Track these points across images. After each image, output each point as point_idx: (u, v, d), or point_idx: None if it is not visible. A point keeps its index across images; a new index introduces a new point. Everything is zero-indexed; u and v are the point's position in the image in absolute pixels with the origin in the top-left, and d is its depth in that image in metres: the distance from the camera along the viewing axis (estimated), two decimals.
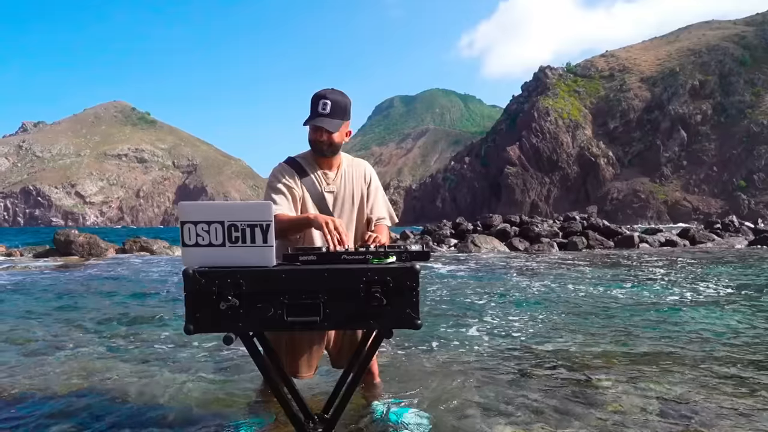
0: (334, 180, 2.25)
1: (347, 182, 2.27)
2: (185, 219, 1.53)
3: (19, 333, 4.41)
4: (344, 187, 2.26)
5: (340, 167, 2.28)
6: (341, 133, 2.21)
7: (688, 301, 5.89)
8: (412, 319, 1.52)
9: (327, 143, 2.17)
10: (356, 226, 2.30)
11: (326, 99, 2.12)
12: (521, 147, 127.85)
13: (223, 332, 1.51)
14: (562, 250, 15.49)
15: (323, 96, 2.13)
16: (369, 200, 2.31)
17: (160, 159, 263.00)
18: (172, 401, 2.69)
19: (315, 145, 2.20)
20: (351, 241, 2.26)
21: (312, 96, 2.15)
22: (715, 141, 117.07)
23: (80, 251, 13.22)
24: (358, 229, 2.31)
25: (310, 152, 2.27)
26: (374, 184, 2.35)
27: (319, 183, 2.23)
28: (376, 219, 2.31)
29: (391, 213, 2.40)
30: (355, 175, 2.30)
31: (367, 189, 2.32)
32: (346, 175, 2.27)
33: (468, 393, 2.73)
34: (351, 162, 2.34)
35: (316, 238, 2.16)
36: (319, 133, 2.15)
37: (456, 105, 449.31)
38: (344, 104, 2.17)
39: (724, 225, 20.64)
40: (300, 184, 2.19)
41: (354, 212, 2.28)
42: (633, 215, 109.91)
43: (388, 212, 2.38)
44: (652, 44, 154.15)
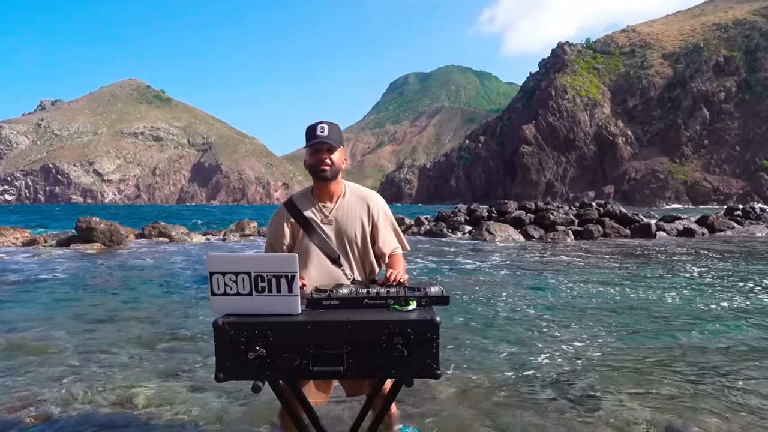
0: (332, 211, 2.22)
1: (348, 212, 2.23)
2: (214, 270, 1.60)
3: (45, 340, 4.59)
4: (345, 218, 2.22)
5: (341, 197, 2.24)
6: (340, 156, 2.21)
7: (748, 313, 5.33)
8: (432, 370, 1.58)
9: (329, 165, 2.14)
10: (363, 257, 2.29)
11: (322, 123, 2.15)
12: (537, 126, 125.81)
13: (251, 380, 1.58)
14: (578, 238, 15.40)
15: (318, 122, 2.17)
16: (379, 234, 2.27)
17: (175, 137, 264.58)
18: (191, 418, 2.80)
19: (316, 168, 2.16)
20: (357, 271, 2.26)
21: (306, 128, 2.17)
22: (738, 119, 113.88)
23: (101, 238, 13.51)
24: (365, 259, 2.30)
25: (309, 187, 2.30)
26: (381, 217, 2.29)
27: (316, 217, 2.21)
28: (391, 250, 2.30)
29: (402, 241, 2.38)
30: (358, 206, 2.26)
31: (372, 222, 2.28)
32: (347, 206, 2.24)
33: (484, 421, 2.80)
34: (354, 191, 2.29)
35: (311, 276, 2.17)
36: (321, 153, 2.13)
37: (472, 82, 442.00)
38: (339, 130, 2.20)
39: (745, 212, 20.26)
40: (295, 227, 2.21)
41: (357, 243, 2.25)
42: (651, 196, 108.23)
43: (399, 242, 2.37)
44: (676, 18, 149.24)
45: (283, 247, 2.22)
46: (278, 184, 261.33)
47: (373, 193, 2.33)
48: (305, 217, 2.22)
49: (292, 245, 2.22)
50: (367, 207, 2.28)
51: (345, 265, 2.21)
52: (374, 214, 2.28)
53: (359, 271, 2.28)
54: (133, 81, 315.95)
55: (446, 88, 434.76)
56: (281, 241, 2.22)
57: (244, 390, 3.26)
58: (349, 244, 2.23)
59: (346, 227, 2.22)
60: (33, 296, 6.67)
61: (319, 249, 2.19)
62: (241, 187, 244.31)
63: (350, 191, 2.28)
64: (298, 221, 2.21)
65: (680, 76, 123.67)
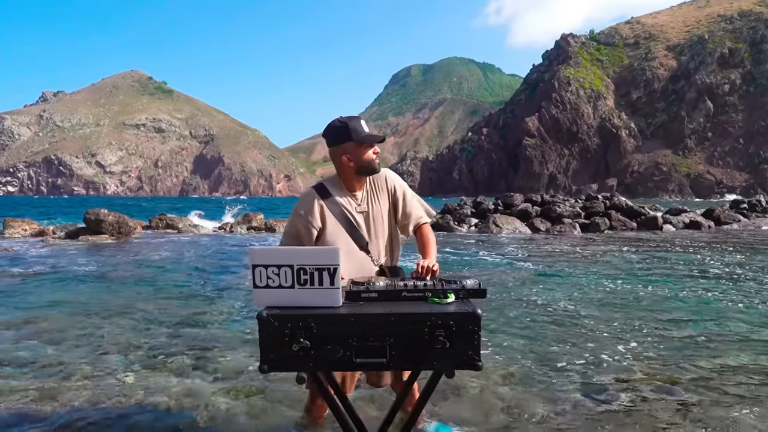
0: (362, 201, 2.27)
1: (374, 199, 2.29)
2: (257, 263, 1.64)
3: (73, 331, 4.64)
4: (373, 206, 2.27)
5: (367, 186, 2.30)
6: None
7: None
8: (473, 361, 1.62)
9: (378, 161, 2.24)
10: (390, 242, 2.33)
11: (361, 119, 2.23)
12: (540, 118, 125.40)
13: (294, 371, 1.64)
14: (585, 231, 15.41)
15: (356, 117, 2.23)
16: (404, 206, 2.31)
17: (177, 129, 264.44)
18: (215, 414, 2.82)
19: (373, 164, 2.21)
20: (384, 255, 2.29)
21: (346, 122, 2.19)
22: (742, 112, 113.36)
23: (110, 230, 13.57)
24: (393, 244, 2.34)
25: (335, 176, 2.31)
26: (400, 189, 2.34)
27: (349, 205, 2.25)
28: (416, 220, 2.32)
29: (427, 209, 2.42)
30: (379, 188, 2.31)
31: (394, 197, 2.32)
32: (371, 193, 2.29)
33: (507, 414, 2.84)
34: (372, 178, 2.32)
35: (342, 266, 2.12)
36: (376, 149, 2.22)
37: (474, 74, 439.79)
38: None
39: (751, 205, 20.22)
40: (325, 210, 2.21)
41: (387, 228, 2.30)
42: (654, 188, 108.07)
43: (425, 210, 2.40)
44: (681, 10, 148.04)
45: (312, 230, 2.20)
46: (280, 177, 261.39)
47: (385, 170, 2.35)
48: (337, 202, 2.24)
49: (321, 229, 2.21)
50: (386, 185, 2.33)
51: (373, 252, 2.23)
52: (393, 188, 2.32)
53: (387, 256, 2.31)
54: (134, 72, 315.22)
55: (449, 80, 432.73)
56: (310, 224, 2.20)
57: (269, 384, 3.29)
58: (378, 230, 2.27)
59: (375, 214, 2.26)
60: (55, 286, 6.72)
61: (349, 235, 2.21)
62: (243, 179, 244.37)
63: (369, 179, 2.31)
64: (329, 206, 2.23)
65: (684, 68, 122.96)
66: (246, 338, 4.27)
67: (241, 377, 3.36)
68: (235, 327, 4.69)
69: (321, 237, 2.22)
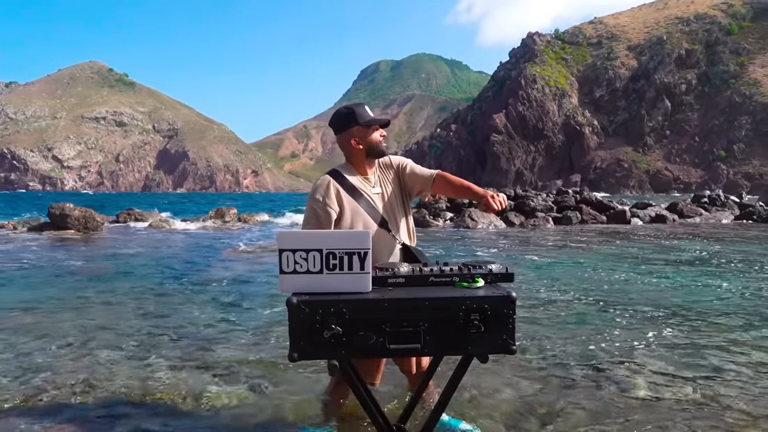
0: (375, 183, 2.33)
1: (386, 181, 2.36)
2: (284, 247, 1.57)
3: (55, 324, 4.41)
4: (385, 186, 2.35)
5: (376, 169, 2.37)
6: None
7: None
8: (508, 345, 1.59)
9: (385, 142, 2.31)
10: (406, 221, 2.39)
11: (365, 105, 2.31)
12: (507, 115, 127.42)
13: (326, 359, 1.58)
14: (557, 224, 15.75)
15: (361, 104, 2.31)
16: (411, 170, 2.38)
17: (139, 123, 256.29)
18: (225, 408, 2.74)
19: (379, 147, 2.29)
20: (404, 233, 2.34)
21: (351, 107, 2.29)
22: (698, 111, 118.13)
23: (76, 225, 13.03)
24: (408, 223, 2.40)
25: (346, 163, 2.35)
26: (405, 162, 2.41)
27: (364, 187, 2.30)
28: (431, 173, 2.36)
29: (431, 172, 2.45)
30: (387, 170, 2.38)
31: (401, 171, 2.38)
32: (382, 175, 2.37)
33: (520, 404, 2.85)
34: (380, 161, 2.40)
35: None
36: (381, 132, 2.30)
37: (443, 71, 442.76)
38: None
39: (711, 199, 21.11)
40: (342, 193, 2.25)
41: (401, 207, 2.36)
42: (616, 184, 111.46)
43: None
44: (641, 11, 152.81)
45: (331, 213, 2.22)
46: (248, 172, 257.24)
47: (392, 156, 2.43)
48: (352, 184, 2.28)
49: (339, 211, 2.24)
50: (392, 165, 2.40)
51: (393, 229, 2.28)
52: (399, 164, 2.40)
53: (405, 234, 2.35)
54: (94, 63, 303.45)
55: (417, 77, 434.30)
56: (328, 206, 2.22)
57: (277, 379, 3.21)
58: (395, 209, 2.33)
59: (389, 193, 2.33)
60: (25, 283, 6.38)
61: (368, 214, 2.26)
62: (209, 175, 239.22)
63: (377, 163, 2.37)
64: (346, 188, 2.26)
65: (644, 68, 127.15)
66: (234, 330, 4.16)
67: (235, 369, 3.27)
68: (222, 319, 4.56)
69: (340, 219, 2.24)
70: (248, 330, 4.20)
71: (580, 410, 2.67)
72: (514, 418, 2.61)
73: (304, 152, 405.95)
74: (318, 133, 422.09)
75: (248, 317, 4.65)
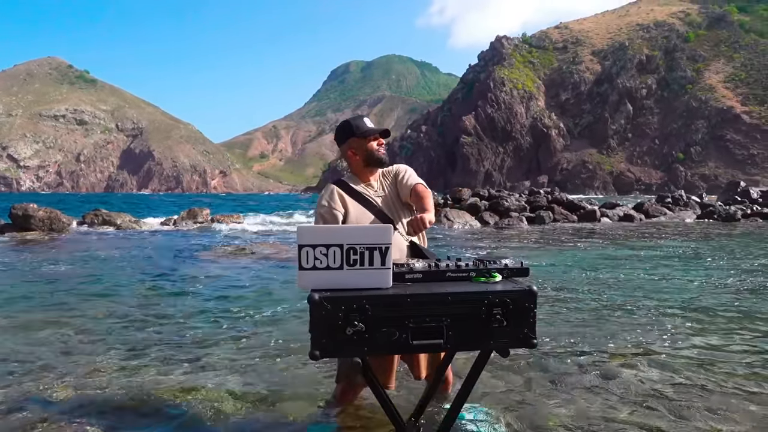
0: (378, 188, 2.42)
1: (387, 186, 2.44)
2: (304, 243, 1.55)
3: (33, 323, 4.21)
4: (387, 191, 2.42)
5: (379, 176, 2.46)
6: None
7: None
8: (529, 339, 1.60)
9: (385, 150, 2.41)
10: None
11: (366, 117, 2.47)
12: (477, 117, 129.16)
13: (349, 356, 1.56)
14: (531, 223, 16.05)
15: (362, 116, 2.46)
16: (404, 178, 2.43)
17: (102, 121, 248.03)
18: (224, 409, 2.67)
19: (376, 155, 2.37)
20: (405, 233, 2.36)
21: (349, 120, 2.42)
22: (657, 114, 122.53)
23: (40, 226, 12.50)
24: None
25: (350, 173, 2.48)
26: (403, 168, 2.49)
27: (368, 192, 2.39)
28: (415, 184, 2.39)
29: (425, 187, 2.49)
30: (388, 176, 2.47)
31: (398, 177, 2.45)
32: (383, 181, 2.46)
33: (533, 394, 2.88)
34: (381, 170, 2.50)
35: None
36: (380, 140, 2.39)
37: (413, 72, 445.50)
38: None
39: (674, 199, 21.92)
40: (347, 199, 2.34)
41: (405, 208, 2.43)
42: (581, 185, 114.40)
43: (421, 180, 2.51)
44: (604, 18, 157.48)
45: (337, 215, 2.31)
46: (215, 172, 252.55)
47: (396, 164, 2.54)
48: (356, 190, 2.38)
49: (345, 213, 2.32)
50: (391, 171, 2.48)
51: (400, 228, 2.34)
52: (398, 173, 2.47)
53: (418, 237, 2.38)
54: (52, 59, 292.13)
55: (387, 78, 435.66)
56: (334, 209, 2.31)
57: (271, 378, 3.15)
58: (399, 210, 2.38)
59: (392, 197, 2.40)
60: None
61: (373, 214, 2.34)
62: (175, 175, 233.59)
63: (379, 172, 2.47)
64: (350, 194, 2.36)
65: (607, 73, 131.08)
66: (224, 331, 4.07)
67: (226, 369, 3.19)
68: (210, 320, 4.45)
69: (346, 220, 2.32)
70: (240, 330, 4.11)
71: (570, 404, 2.71)
72: (529, 409, 2.64)
73: (273, 153, 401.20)
74: (288, 134, 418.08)
75: (237, 317, 4.55)
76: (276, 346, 3.69)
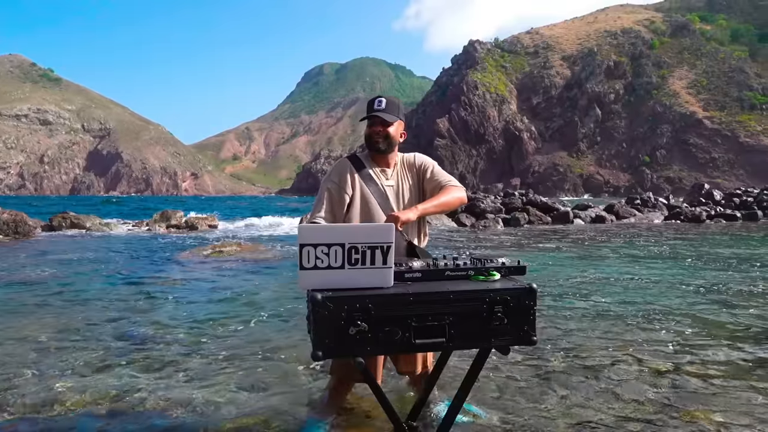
0: (390, 177, 2.31)
1: (404, 177, 2.33)
2: (305, 242, 1.52)
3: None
4: (402, 182, 2.32)
5: (396, 165, 2.34)
6: (397, 130, 2.30)
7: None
8: (529, 336, 1.62)
9: (383, 136, 2.25)
10: (419, 222, 2.35)
11: (381, 97, 2.31)
12: (450, 120, 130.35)
13: (351, 356, 1.54)
14: (506, 225, 16.28)
15: (377, 96, 2.32)
16: (432, 174, 2.34)
17: (67, 121, 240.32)
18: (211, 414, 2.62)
19: (371, 140, 2.27)
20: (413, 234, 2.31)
21: (367, 102, 2.34)
22: (625, 119, 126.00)
23: (4, 229, 12.02)
24: (421, 223, 2.37)
25: (367, 153, 2.35)
26: (429, 163, 2.39)
27: (378, 178, 2.29)
28: (446, 182, 2.32)
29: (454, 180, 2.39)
30: (408, 168, 2.36)
31: (422, 171, 2.36)
32: (402, 171, 2.34)
33: (522, 395, 2.91)
34: (403, 159, 2.39)
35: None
36: (375, 125, 2.25)
37: (387, 75, 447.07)
38: (398, 103, 2.34)
39: (643, 201, 22.57)
40: (357, 180, 2.25)
41: (414, 204, 2.32)
42: (552, 188, 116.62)
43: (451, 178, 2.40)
44: (574, 24, 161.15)
45: (344, 196, 2.23)
46: (186, 174, 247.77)
47: (417, 154, 2.43)
48: (368, 173, 2.28)
49: (352, 196, 2.24)
50: (414, 163, 2.36)
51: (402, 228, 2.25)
52: (422, 164, 2.37)
53: (414, 234, 2.32)
54: (14, 57, 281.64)
55: (362, 80, 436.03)
56: (343, 189, 2.23)
57: (260, 383, 3.10)
58: (406, 206, 2.29)
59: (404, 191, 2.32)
60: None
61: (378, 205, 2.25)
62: (145, 177, 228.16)
63: (400, 159, 2.36)
64: (361, 175, 2.27)
65: (577, 78, 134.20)
66: (200, 332, 3.99)
67: (209, 372, 3.13)
68: (185, 322, 4.36)
69: (351, 205, 2.25)
70: (220, 332, 4.03)
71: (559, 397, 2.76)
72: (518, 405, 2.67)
73: (246, 154, 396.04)
74: (261, 135, 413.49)
75: (216, 319, 4.47)
76: (259, 347, 3.64)
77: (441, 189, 2.30)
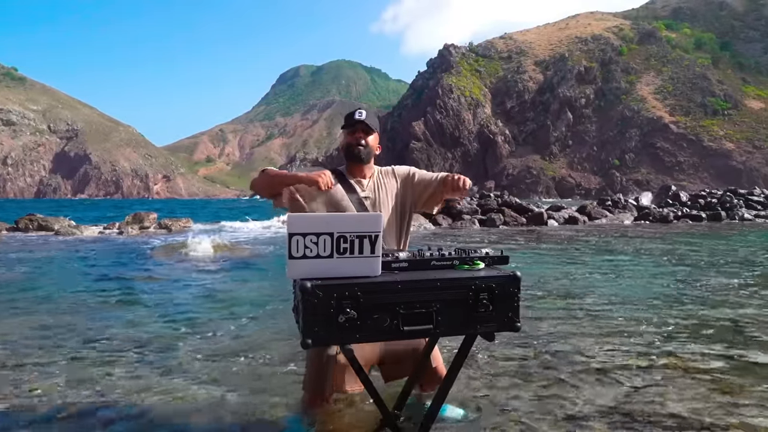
0: (367, 188, 2.33)
1: (381, 188, 2.34)
2: (294, 231, 1.53)
3: None
4: (379, 193, 2.33)
5: (373, 176, 2.37)
6: (375, 140, 2.34)
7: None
8: (513, 322, 1.67)
9: (363, 145, 2.28)
10: (398, 230, 2.35)
11: (361, 109, 2.35)
12: (426, 123, 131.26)
13: (340, 344, 1.58)
14: (482, 226, 16.48)
15: (357, 107, 2.39)
16: (420, 177, 2.36)
17: (32, 122, 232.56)
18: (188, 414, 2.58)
19: (350, 149, 2.29)
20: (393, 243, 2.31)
21: (345, 115, 2.36)
22: (595, 123, 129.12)
23: None
24: (400, 232, 2.36)
25: (345, 164, 2.38)
26: (411, 169, 2.42)
27: (356, 188, 2.31)
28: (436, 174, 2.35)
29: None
30: (386, 179, 2.37)
31: (405, 179, 2.37)
32: (378, 183, 2.36)
33: (505, 393, 2.96)
34: (380, 170, 2.42)
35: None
36: (357, 132, 2.28)
37: (362, 77, 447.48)
38: (376, 118, 2.39)
39: (614, 202, 23.15)
40: (339, 189, 2.26)
41: (394, 217, 2.34)
42: (526, 190, 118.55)
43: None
44: (546, 30, 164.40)
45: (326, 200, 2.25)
46: (158, 177, 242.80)
47: (396, 166, 2.46)
48: (349, 183, 2.29)
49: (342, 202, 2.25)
50: (393, 174, 2.40)
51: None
52: (402, 172, 2.40)
53: (394, 243, 2.32)
54: None
55: (337, 83, 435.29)
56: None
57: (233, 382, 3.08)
58: (387, 216, 2.28)
59: (381, 201, 2.32)
60: None
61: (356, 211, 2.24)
62: (114, 180, 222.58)
63: (377, 171, 2.39)
64: (343, 185, 2.27)
65: (549, 83, 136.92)
66: (177, 335, 3.93)
67: (190, 373, 3.09)
68: (162, 324, 4.28)
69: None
70: (199, 333, 3.98)
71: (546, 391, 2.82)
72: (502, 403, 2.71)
73: (220, 157, 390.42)
74: (235, 138, 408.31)
75: (194, 320, 4.40)
76: (237, 345, 3.60)
77: (437, 177, 2.31)
